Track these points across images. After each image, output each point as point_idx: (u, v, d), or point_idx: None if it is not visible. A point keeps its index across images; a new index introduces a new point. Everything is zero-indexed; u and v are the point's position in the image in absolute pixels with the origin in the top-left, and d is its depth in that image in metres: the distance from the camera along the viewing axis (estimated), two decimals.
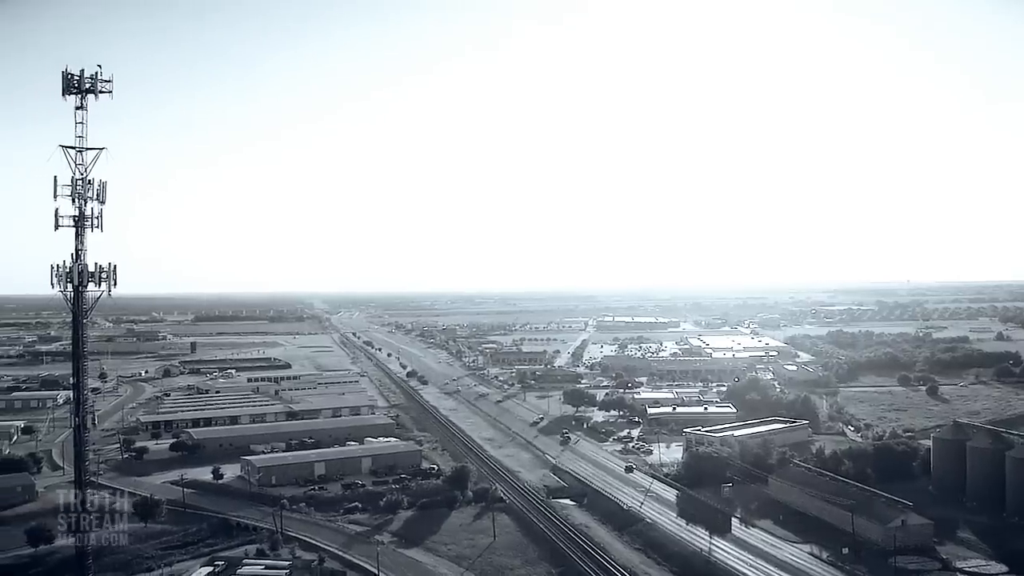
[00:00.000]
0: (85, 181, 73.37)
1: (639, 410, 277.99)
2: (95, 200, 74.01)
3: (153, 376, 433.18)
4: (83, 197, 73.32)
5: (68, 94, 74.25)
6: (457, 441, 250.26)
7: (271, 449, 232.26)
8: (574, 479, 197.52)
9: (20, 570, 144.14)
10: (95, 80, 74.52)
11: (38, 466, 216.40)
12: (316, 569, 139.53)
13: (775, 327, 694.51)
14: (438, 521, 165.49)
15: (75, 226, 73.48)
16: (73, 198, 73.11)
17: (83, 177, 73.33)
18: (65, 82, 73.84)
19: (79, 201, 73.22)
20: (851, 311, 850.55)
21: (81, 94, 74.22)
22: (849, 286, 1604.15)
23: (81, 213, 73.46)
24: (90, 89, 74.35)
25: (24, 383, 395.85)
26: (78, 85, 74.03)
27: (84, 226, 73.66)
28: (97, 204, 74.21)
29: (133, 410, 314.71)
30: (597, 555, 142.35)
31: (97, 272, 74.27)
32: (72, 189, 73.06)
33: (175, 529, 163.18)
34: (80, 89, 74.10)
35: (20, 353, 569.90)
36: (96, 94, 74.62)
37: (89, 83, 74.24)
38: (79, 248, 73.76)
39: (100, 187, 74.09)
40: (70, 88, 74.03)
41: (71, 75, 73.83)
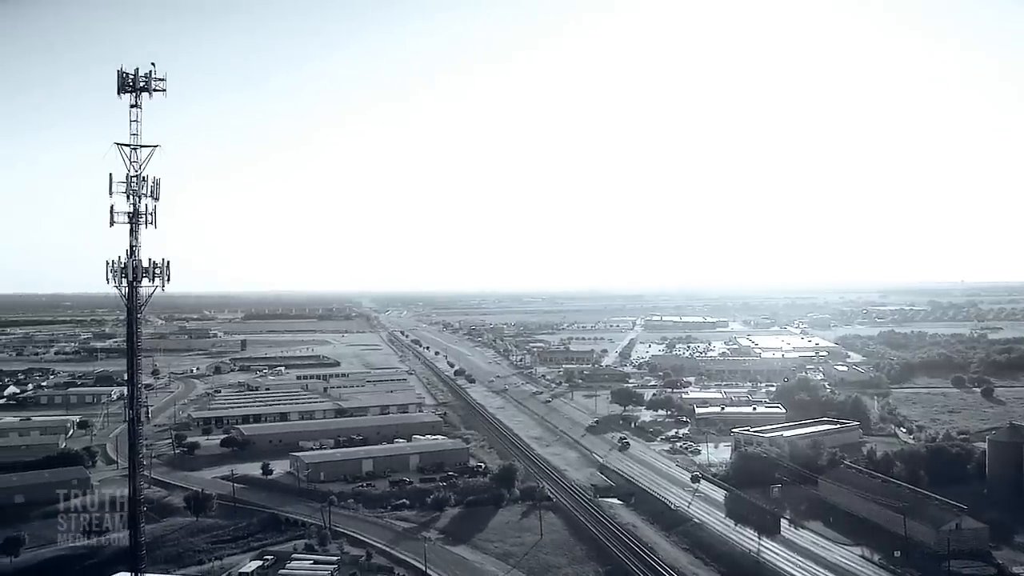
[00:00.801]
0: (139, 178, 74.46)
1: (687, 410, 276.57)
2: (149, 197, 75.13)
3: (204, 373, 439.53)
4: (137, 194, 74.42)
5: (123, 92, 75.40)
6: (504, 439, 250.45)
7: (320, 446, 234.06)
8: (621, 478, 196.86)
9: (76, 561, 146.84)
10: (149, 79, 75.62)
11: (93, 460, 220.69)
12: (364, 565, 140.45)
13: (825, 327, 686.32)
14: (485, 519, 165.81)
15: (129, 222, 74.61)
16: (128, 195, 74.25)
17: (137, 174, 74.46)
18: (120, 81, 74.95)
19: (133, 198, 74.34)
20: (903, 311, 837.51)
21: (136, 92, 75.34)
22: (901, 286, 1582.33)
23: (135, 210, 74.55)
24: (144, 88, 75.43)
25: (79, 379, 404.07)
26: (133, 84, 75.14)
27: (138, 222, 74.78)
28: (151, 201, 75.34)
29: (185, 406, 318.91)
30: (644, 554, 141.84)
31: (151, 268, 75.39)
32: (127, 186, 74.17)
33: (225, 523, 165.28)
34: (135, 87, 75.21)
35: (76, 349, 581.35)
36: (150, 92, 75.76)
37: (143, 82, 75.32)
38: (133, 244, 74.88)
39: (154, 184, 75.17)
40: (125, 87, 75.17)
41: (126, 74, 74.92)
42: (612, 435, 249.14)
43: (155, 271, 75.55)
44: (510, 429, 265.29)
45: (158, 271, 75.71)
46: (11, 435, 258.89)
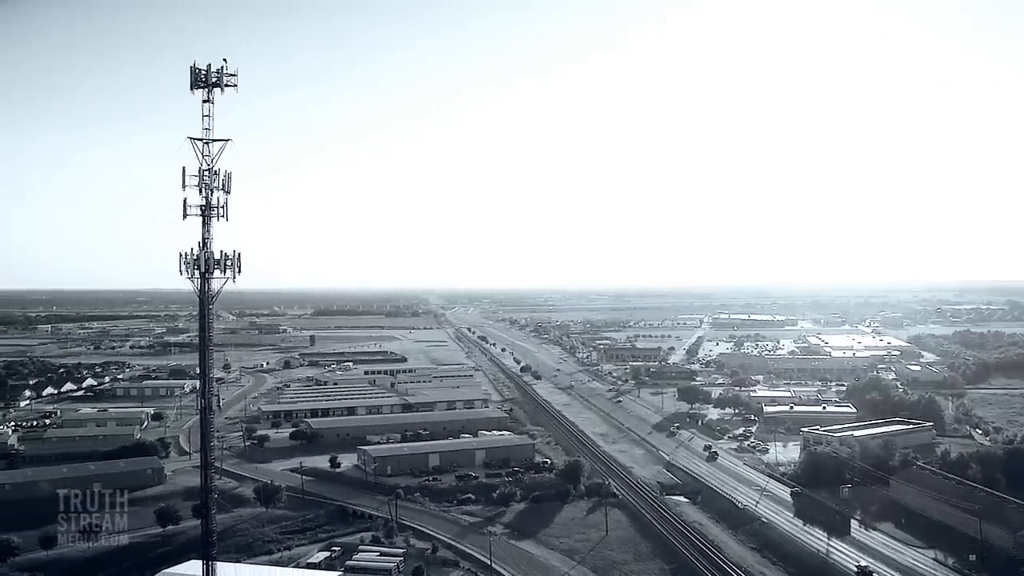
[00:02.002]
0: (211, 171, 75.86)
1: (755, 408, 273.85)
2: (221, 190, 76.46)
3: (274, 368, 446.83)
4: (209, 187, 75.80)
5: (196, 88, 76.89)
6: (570, 436, 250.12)
7: (387, 440, 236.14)
8: (688, 476, 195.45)
9: (149, 549, 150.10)
10: (221, 74, 76.90)
11: (166, 451, 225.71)
12: (429, 558, 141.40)
13: (897, 326, 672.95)
14: (550, 514, 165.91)
15: (202, 215, 75.99)
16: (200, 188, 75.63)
17: (209, 168, 75.84)
18: (193, 77, 76.48)
19: (206, 191, 75.73)
20: (979, 310, 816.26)
21: (208, 88, 76.69)
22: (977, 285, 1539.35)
23: (208, 202, 75.91)
24: (216, 83, 76.76)
25: (154, 372, 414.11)
26: (205, 79, 76.51)
27: (210, 215, 76.14)
28: (223, 194, 76.67)
29: (255, 400, 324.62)
30: (711, 553, 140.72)
31: (223, 259, 76.73)
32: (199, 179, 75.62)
33: (294, 515, 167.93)
34: (207, 83, 76.58)
35: (150, 344, 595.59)
36: (222, 88, 77.07)
37: (215, 77, 76.64)
38: (206, 236, 76.25)
39: (225, 177, 76.53)
40: (198, 82, 76.64)
41: (199, 70, 76.49)
42: (678, 432, 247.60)
43: (226, 263, 76.88)
44: (576, 425, 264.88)
45: (229, 263, 77.02)
46: (89, 425, 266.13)
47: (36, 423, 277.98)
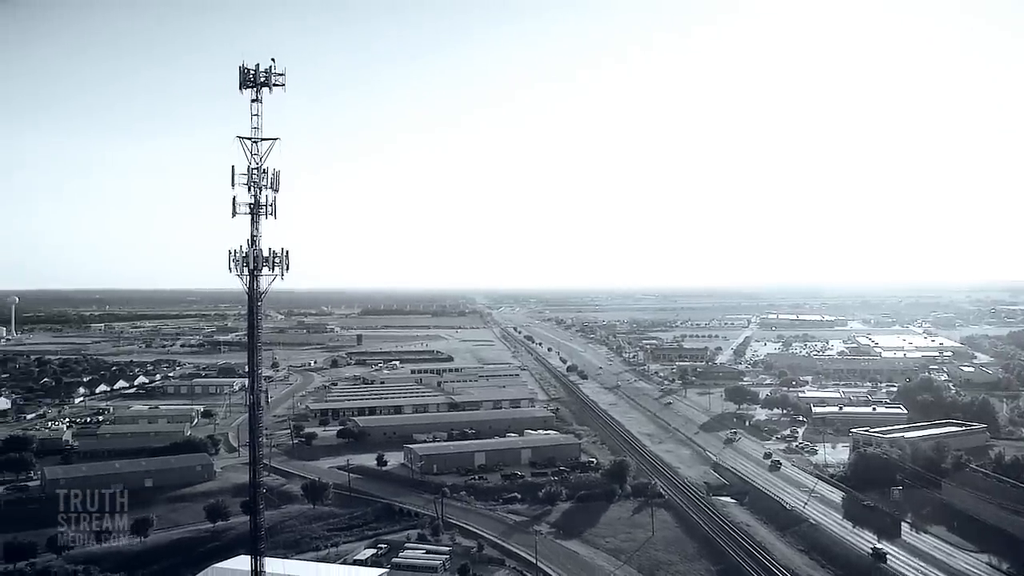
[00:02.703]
0: (260, 170, 76.69)
1: (803, 409, 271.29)
2: (269, 188, 77.26)
3: (321, 366, 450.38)
4: (258, 185, 76.60)
5: (244, 88, 77.80)
6: (616, 436, 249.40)
7: (433, 438, 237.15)
8: (735, 477, 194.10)
9: (199, 543, 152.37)
10: (269, 74, 77.70)
11: (216, 448, 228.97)
12: (475, 556, 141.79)
13: (950, 326, 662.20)
14: (596, 514, 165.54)
15: (251, 213, 76.82)
16: (249, 186, 76.49)
17: (258, 166, 76.65)
18: (242, 76, 77.40)
19: (254, 189, 76.58)
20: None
21: (256, 88, 77.52)
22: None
23: (256, 201, 76.70)
24: (264, 83, 77.58)
25: (204, 370, 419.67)
26: (254, 79, 77.35)
27: (259, 213, 76.98)
28: (271, 192, 77.48)
29: (303, 398, 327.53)
30: (758, 554, 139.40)
31: (271, 257, 77.59)
32: (248, 177, 76.49)
33: (341, 512, 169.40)
34: (255, 83, 77.43)
35: (200, 343, 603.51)
36: (270, 87, 77.84)
37: (264, 77, 77.50)
38: (254, 234, 77.09)
39: (274, 175, 77.37)
40: (246, 82, 77.52)
41: (247, 70, 77.41)
42: (726, 432, 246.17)
43: (275, 260, 77.69)
44: (622, 425, 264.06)
45: (277, 260, 77.84)
46: (141, 422, 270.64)
47: (90, 420, 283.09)
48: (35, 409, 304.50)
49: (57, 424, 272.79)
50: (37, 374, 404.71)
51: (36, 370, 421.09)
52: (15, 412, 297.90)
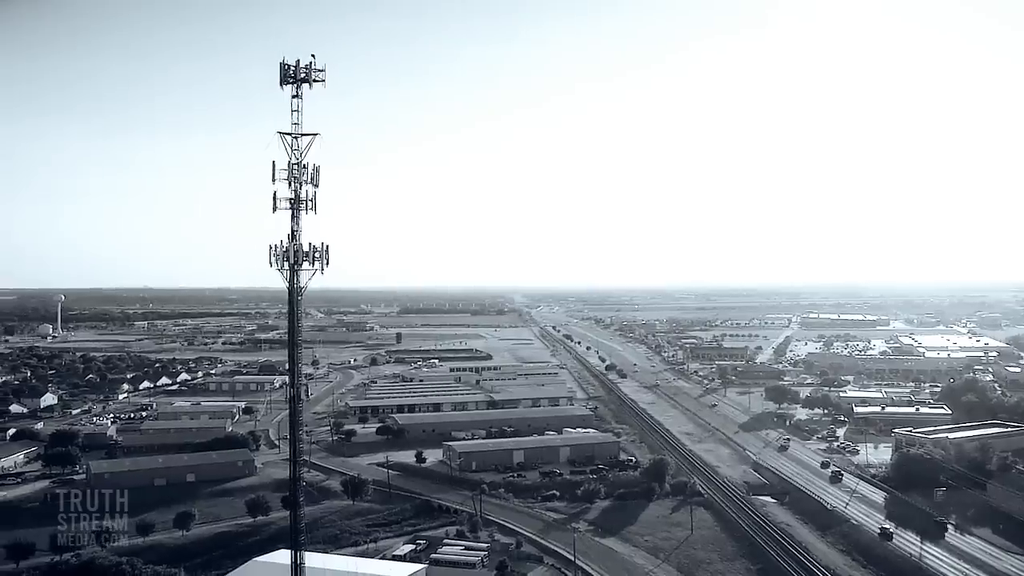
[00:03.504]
0: (300, 165, 77.28)
1: (845, 409, 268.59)
2: (309, 183, 77.86)
3: (361, 364, 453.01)
4: (298, 180, 77.18)
5: (285, 84, 78.35)
6: (655, 434, 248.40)
7: (472, 436, 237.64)
8: (775, 476, 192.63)
9: (240, 537, 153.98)
10: (310, 70, 78.17)
11: (257, 444, 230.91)
12: (514, 553, 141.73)
13: (995, 326, 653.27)
14: (635, 512, 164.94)
15: (291, 208, 77.39)
16: (289, 181, 77.05)
17: (298, 161, 77.22)
18: (283, 72, 77.96)
19: (295, 184, 77.19)
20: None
21: (297, 83, 78.01)
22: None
23: (296, 196, 77.25)
24: (304, 79, 78.06)
25: (245, 368, 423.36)
26: (294, 75, 77.81)
27: (299, 208, 77.58)
28: (311, 187, 78.05)
29: (342, 395, 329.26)
30: (798, 554, 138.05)
31: (311, 252, 78.16)
32: (288, 173, 77.11)
33: (380, 508, 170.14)
34: (296, 79, 77.94)
35: (241, 340, 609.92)
36: (311, 83, 78.25)
37: (304, 73, 77.99)
38: (295, 229, 77.70)
39: (314, 171, 77.96)
40: (287, 78, 78.07)
41: (288, 66, 77.98)
42: (766, 432, 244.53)
43: (315, 255, 78.28)
44: (661, 424, 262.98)
45: (317, 255, 78.36)
46: (183, 418, 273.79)
47: (133, 415, 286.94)
48: (80, 405, 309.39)
49: (102, 419, 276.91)
50: (82, 371, 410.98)
51: (81, 367, 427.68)
52: (61, 408, 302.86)
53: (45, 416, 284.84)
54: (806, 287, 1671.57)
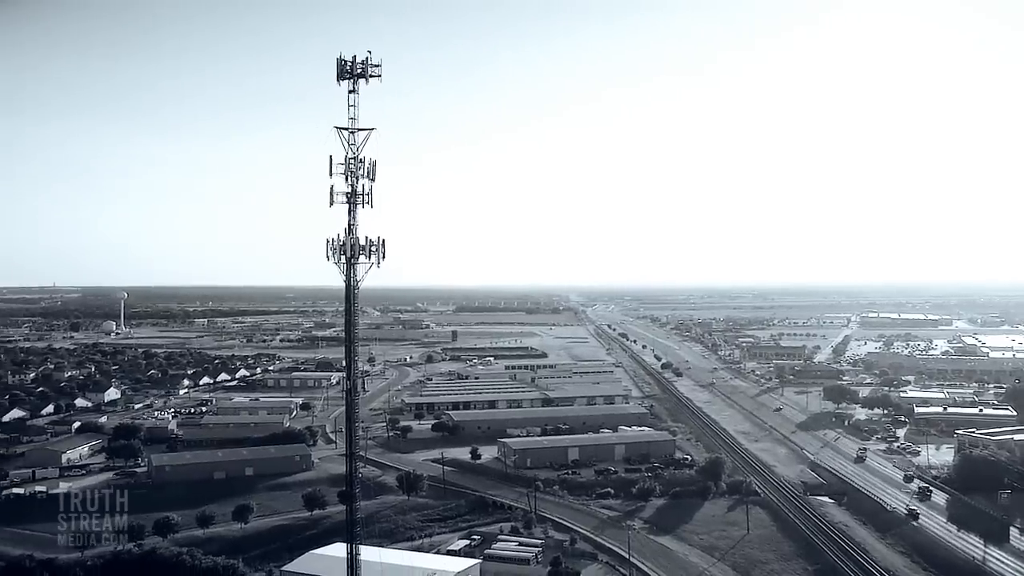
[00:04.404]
0: (357, 159, 78.22)
1: (906, 409, 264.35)
2: (366, 178, 78.78)
3: (417, 362, 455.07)
4: (355, 175, 78.17)
5: (342, 79, 79.35)
6: (711, 433, 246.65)
7: (526, 433, 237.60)
8: (833, 476, 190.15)
9: (297, 531, 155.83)
10: (366, 65, 79.17)
11: (314, 439, 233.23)
12: (568, 550, 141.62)
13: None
14: (690, 511, 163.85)
15: (348, 202, 78.38)
16: (346, 176, 78.04)
17: (355, 156, 78.20)
18: (339, 68, 78.96)
19: (351, 178, 78.13)
20: None
21: (353, 79, 79.03)
22: None
23: (353, 190, 78.26)
24: (361, 74, 79.07)
25: (302, 364, 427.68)
26: (351, 71, 78.84)
27: (356, 202, 78.52)
28: (368, 181, 78.98)
29: (398, 392, 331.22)
30: (857, 555, 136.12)
31: (367, 245, 79.03)
32: (345, 167, 78.06)
33: (435, 503, 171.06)
34: (352, 74, 78.92)
35: (299, 337, 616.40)
36: (367, 79, 79.35)
37: (360, 68, 78.97)
38: (351, 223, 78.68)
39: (370, 165, 78.86)
40: (344, 74, 79.05)
41: (345, 61, 78.99)
42: (824, 432, 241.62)
43: (371, 249, 79.17)
44: (717, 423, 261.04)
45: (374, 249, 79.29)
46: (242, 413, 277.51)
47: (193, 410, 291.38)
48: (142, 399, 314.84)
49: (163, 414, 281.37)
50: (144, 366, 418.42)
51: (143, 362, 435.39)
52: (124, 402, 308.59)
53: (109, 410, 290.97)
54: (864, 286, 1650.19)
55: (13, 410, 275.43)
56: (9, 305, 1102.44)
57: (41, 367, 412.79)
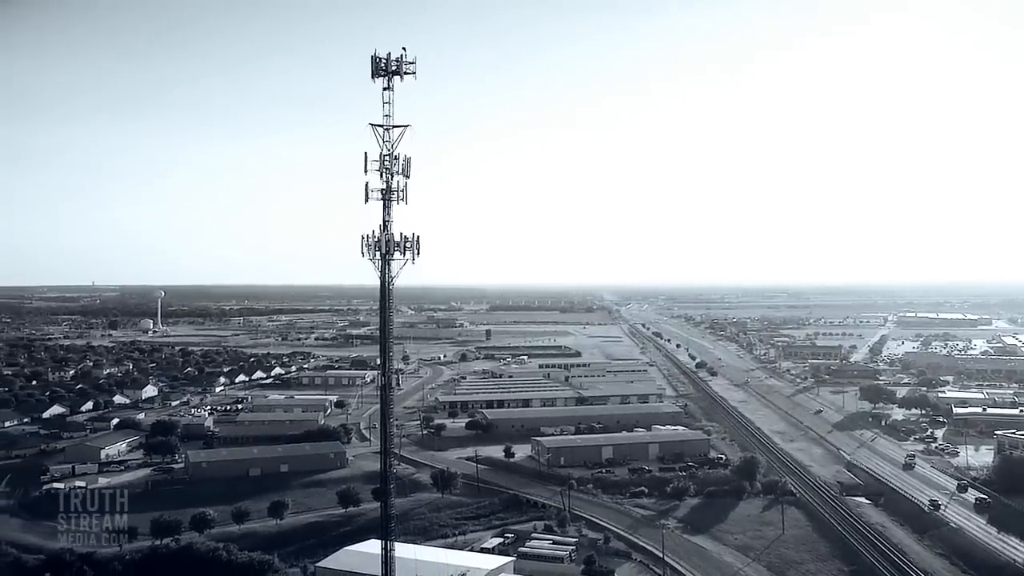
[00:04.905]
0: (391, 156, 78.42)
1: (944, 409, 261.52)
2: (401, 174, 78.99)
3: (451, 360, 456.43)
4: (390, 171, 78.39)
5: (376, 76, 79.54)
6: (746, 432, 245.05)
7: (560, 432, 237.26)
8: (870, 477, 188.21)
9: (332, 527, 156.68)
10: (400, 62, 79.32)
11: (348, 436, 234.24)
12: (602, 548, 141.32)
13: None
14: (724, 510, 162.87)
15: (382, 198, 78.63)
16: (381, 172, 78.33)
17: (390, 153, 78.39)
18: (374, 65, 79.18)
19: (386, 175, 78.37)
20: None
21: (388, 76, 79.21)
22: None
23: (388, 186, 78.48)
24: (396, 71, 79.24)
25: (337, 363, 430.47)
26: (385, 68, 79.06)
27: (390, 199, 78.75)
28: (402, 178, 79.19)
29: (432, 391, 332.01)
30: (894, 556, 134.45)
31: (402, 241, 79.25)
32: (380, 164, 78.31)
33: (468, 501, 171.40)
34: (387, 71, 79.12)
35: (333, 336, 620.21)
36: (401, 76, 79.47)
37: (395, 65, 79.15)
38: (386, 219, 78.93)
39: (405, 162, 79.06)
40: (378, 71, 79.27)
41: (379, 59, 79.20)
42: (860, 432, 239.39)
43: (406, 245, 79.39)
44: (752, 422, 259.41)
45: (408, 245, 79.51)
46: (277, 411, 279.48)
47: (230, 407, 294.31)
48: (179, 396, 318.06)
49: (199, 411, 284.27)
50: (181, 364, 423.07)
51: (180, 360, 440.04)
52: (161, 399, 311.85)
53: (146, 407, 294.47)
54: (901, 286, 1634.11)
55: (53, 406, 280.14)
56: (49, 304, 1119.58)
57: (80, 364, 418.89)
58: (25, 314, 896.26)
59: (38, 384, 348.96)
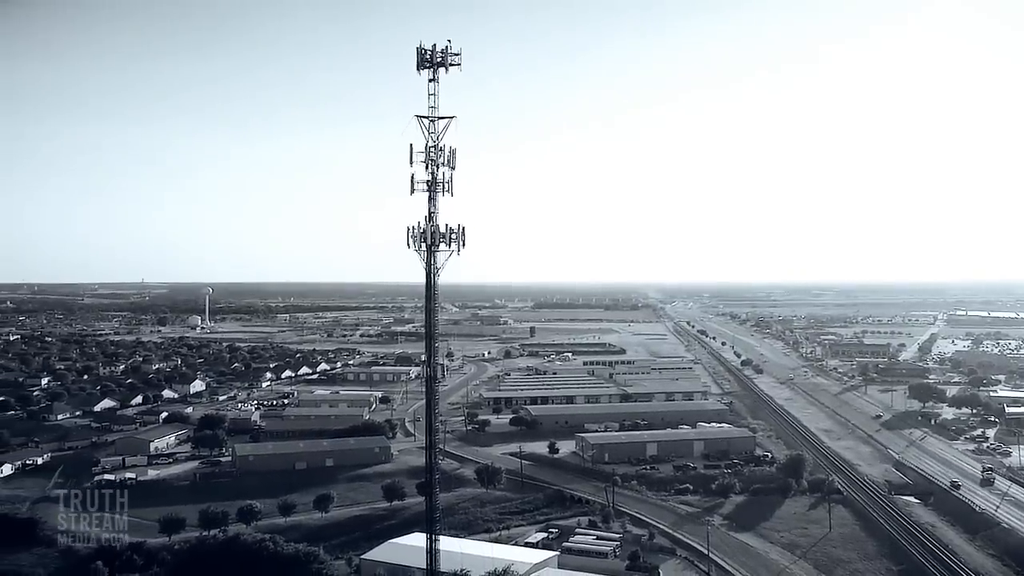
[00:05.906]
0: (437, 148, 78.72)
1: (996, 409, 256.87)
2: (446, 166, 79.25)
3: (495, 357, 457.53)
4: (435, 163, 78.74)
5: (422, 68, 79.92)
6: (792, 430, 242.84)
7: (605, 428, 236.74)
8: (919, 476, 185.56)
9: (377, 521, 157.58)
10: (446, 54, 79.66)
11: (393, 431, 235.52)
12: (646, 544, 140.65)
13: None
14: (770, 508, 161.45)
15: (428, 190, 78.93)
16: (426, 164, 78.64)
17: (435, 144, 78.73)
18: (419, 57, 79.54)
19: (431, 167, 78.67)
20: None
21: (433, 68, 79.59)
22: None
23: (433, 178, 78.85)
24: (441, 63, 79.58)
25: (382, 359, 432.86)
26: (431, 60, 79.42)
27: (436, 190, 79.03)
28: (448, 170, 79.47)
29: (477, 387, 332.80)
30: (944, 556, 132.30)
31: (447, 233, 79.47)
32: (425, 155, 78.63)
33: (513, 496, 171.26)
34: (432, 63, 79.47)
35: (379, 332, 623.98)
36: (447, 67, 79.85)
37: (440, 57, 79.48)
38: (432, 211, 79.22)
39: (450, 153, 79.33)
40: (423, 63, 79.63)
41: (425, 51, 79.55)
42: (909, 431, 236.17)
43: (451, 236, 79.60)
44: (798, 420, 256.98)
45: (454, 236, 79.74)
46: (323, 406, 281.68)
47: (276, 402, 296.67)
48: (227, 391, 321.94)
49: (246, 406, 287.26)
50: (228, 359, 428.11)
51: (228, 356, 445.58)
52: (209, 394, 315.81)
53: (194, 401, 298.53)
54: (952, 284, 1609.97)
55: (104, 400, 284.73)
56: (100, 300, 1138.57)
57: (130, 359, 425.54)
58: (77, 310, 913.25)
59: (90, 378, 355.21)
